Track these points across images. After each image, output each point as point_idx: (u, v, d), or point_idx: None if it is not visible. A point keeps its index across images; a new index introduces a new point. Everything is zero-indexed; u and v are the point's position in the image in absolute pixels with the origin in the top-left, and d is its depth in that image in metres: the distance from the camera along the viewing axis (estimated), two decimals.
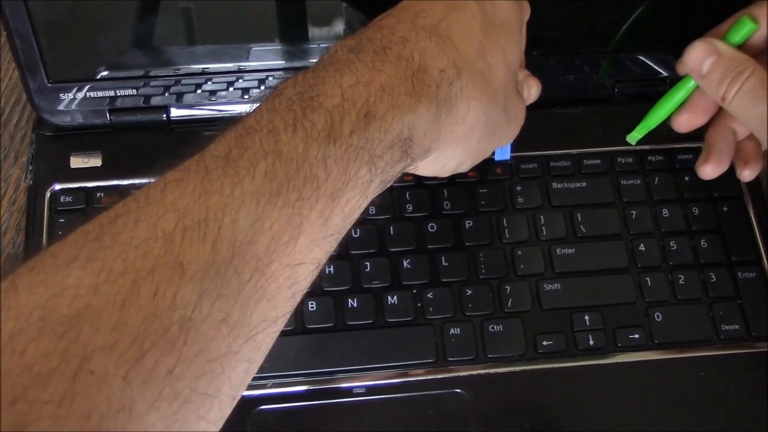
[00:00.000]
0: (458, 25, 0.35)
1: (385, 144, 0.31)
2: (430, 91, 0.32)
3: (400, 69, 0.32)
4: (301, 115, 0.29)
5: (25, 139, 0.51)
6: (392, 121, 0.31)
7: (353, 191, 0.30)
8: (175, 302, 0.25)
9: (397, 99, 0.31)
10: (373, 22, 0.35)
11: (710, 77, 0.41)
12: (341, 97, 0.30)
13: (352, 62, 0.32)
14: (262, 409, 0.42)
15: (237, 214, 0.27)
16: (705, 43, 0.42)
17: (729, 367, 0.44)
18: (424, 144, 0.33)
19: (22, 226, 0.47)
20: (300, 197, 0.28)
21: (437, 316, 0.44)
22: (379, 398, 0.43)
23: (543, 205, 0.47)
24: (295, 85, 0.31)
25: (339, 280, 0.44)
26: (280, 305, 0.29)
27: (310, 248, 0.29)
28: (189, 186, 0.27)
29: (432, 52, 0.33)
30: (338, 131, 0.29)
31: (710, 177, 0.45)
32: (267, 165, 0.28)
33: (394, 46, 0.33)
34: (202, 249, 0.26)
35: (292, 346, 0.43)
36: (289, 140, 0.29)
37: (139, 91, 0.47)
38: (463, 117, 0.34)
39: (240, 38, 0.47)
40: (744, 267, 0.46)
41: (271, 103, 0.30)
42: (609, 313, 0.45)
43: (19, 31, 0.44)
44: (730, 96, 0.40)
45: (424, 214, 0.47)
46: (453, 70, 0.33)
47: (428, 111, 0.32)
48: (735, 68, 0.40)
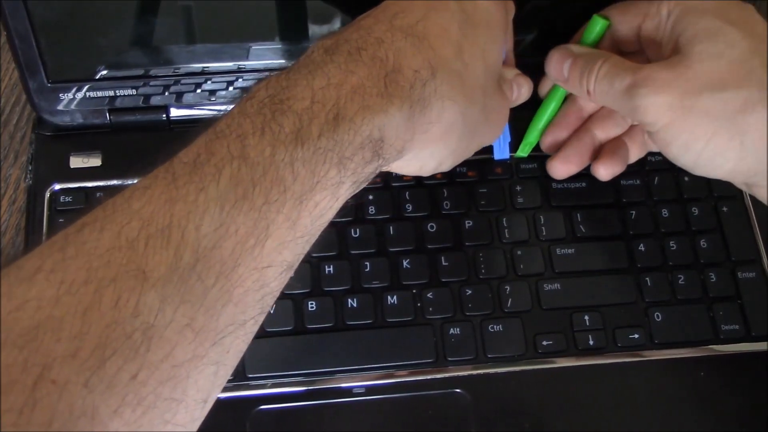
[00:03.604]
0: (436, 25, 0.35)
1: (355, 145, 0.31)
2: (403, 92, 0.32)
3: (373, 69, 0.32)
4: (270, 119, 0.29)
5: (25, 139, 0.51)
6: (362, 122, 0.31)
7: (323, 193, 0.30)
8: (138, 309, 0.25)
9: (368, 100, 0.31)
10: (353, 21, 0.35)
11: (571, 79, 0.42)
12: (311, 100, 0.30)
13: (325, 63, 0.32)
14: (261, 409, 0.42)
15: (201, 220, 0.27)
16: (559, 50, 0.44)
17: (729, 367, 0.44)
18: (396, 145, 0.33)
19: (22, 226, 0.47)
20: (266, 201, 0.28)
21: (437, 316, 0.44)
22: (379, 398, 0.43)
23: (543, 205, 0.47)
24: (268, 87, 0.31)
25: (339, 280, 0.44)
26: (249, 308, 0.29)
27: (279, 251, 0.29)
28: (155, 193, 0.27)
29: (407, 52, 0.33)
30: (306, 133, 0.29)
31: (559, 175, 0.46)
32: (233, 170, 0.28)
33: (369, 46, 0.33)
34: (165, 256, 0.26)
35: (292, 346, 0.43)
36: (256, 144, 0.29)
37: (139, 90, 0.47)
38: (438, 117, 0.34)
39: (240, 37, 0.47)
40: (744, 267, 0.46)
41: (243, 106, 0.30)
42: (609, 313, 0.45)
43: (18, 31, 0.44)
44: (592, 88, 0.41)
45: (424, 213, 0.47)
46: (428, 70, 0.33)
47: (400, 111, 0.32)
48: (589, 62, 0.41)
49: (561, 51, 0.43)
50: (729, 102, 0.37)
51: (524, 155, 0.48)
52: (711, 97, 0.37)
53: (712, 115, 0.37)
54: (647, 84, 0.38)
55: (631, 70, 0.39)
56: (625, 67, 0.39)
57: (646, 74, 0.38)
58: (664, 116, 0.38)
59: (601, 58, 0.41)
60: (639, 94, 0.38)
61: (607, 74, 0.40)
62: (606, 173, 0.45)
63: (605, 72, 0.40)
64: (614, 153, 0.45)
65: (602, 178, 0.45)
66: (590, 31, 0.43)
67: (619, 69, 0.40)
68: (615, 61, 0.40)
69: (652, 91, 0.37)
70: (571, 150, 0.46)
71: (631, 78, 0.38)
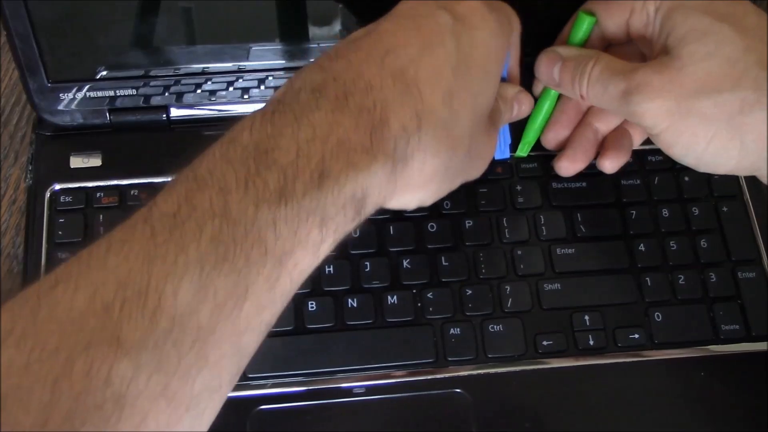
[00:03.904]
0: (428, 68, 0.33)
1: (339, 205, 0.30)
2: (387, 148, 0.31)
3: (360, 121, 0.31)
4: (254, 172, 0.29)
5: (25, 139, 0.51)
6: (346, 181, 0.30)
7: (303, 252, 0.29)
8: (110, 378, 0.25)
9: (353, 157, 0.30)
10: (345, 46, 0.34)
11: (563, 84, 0.42)
12: (296, 153, 0.29)
13: (311, 110, 0.31)
14: (262, 409, 0.42)
15: (179, 284, 0.26)
16: (547, 53, 0.43)
17: (729, 367, 0.44)
18: (377, 200, 0.32)
19: (22, 226, 0.47)
20: (247, 262, 0.28)
21: (437, 316, 0.44)
22: (379, 398, 0.43)
23: (543, 205, 0.47)
24: (252, 131, 0.30)
25: (339, 280, 0.44)
26: (225, 371, 0.28)
27: (258, 313, 0.28)
28: (133, 249, 0.27)
29: (395, 102, 0.32)
30: (291, 192, 0.29)
31: (568, 173, 0.46)
32: (214, 229, 0.27)
33: (357, 92, 0.32)
34: (141, 322, 0.26)
35: (292, 346, 0.43)
36: (239, 200, 0.28)
37: (139, 90, 0.47)
38: (419, 170, 0.33)
39: (240, 38, 0.47)
40: (744, 267, 0.46)
41: (226, 150, 0.30)
42: (609, 313, 0.45)
43: (19, 31, 0.44)
44: (585, 91, 0.41)
45: (424, 213, 0.47)
46: (414, 122, 0.32)
47: (383, 169, 0.31)
48: (579, 65, 0.41)
49: (549, 55, 0.43)
50: (725, 104, 0.36)
51: (524, 155, 0.48)
52: (707, 100, 0.36)
53: (710, 117, 0.37)
54: (641, 90, 0.37)
55: (623, 74, 0.38)
56: (618, 71, 0.39)
57: (639, 80, 0.38)
58: (663, 121, 0.37)
59: (592, 60, 0.40)
60: (634, 101, 0.38)
61: (599, 78, 0.40)
62: (612, 166, 0.45)
63: (597, 76, 0.40)
64: (618, 144, 0.45)
65: (608, 171, 0.45)
66: (577, 29, 0.43)
67: (611, 72, 0.39)
68: (606, 62, 0.40)
69: (648, 98, 0.37)
70: (576, 147, 0.46)
71: (624, 83, 0.38)
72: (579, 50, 0.42)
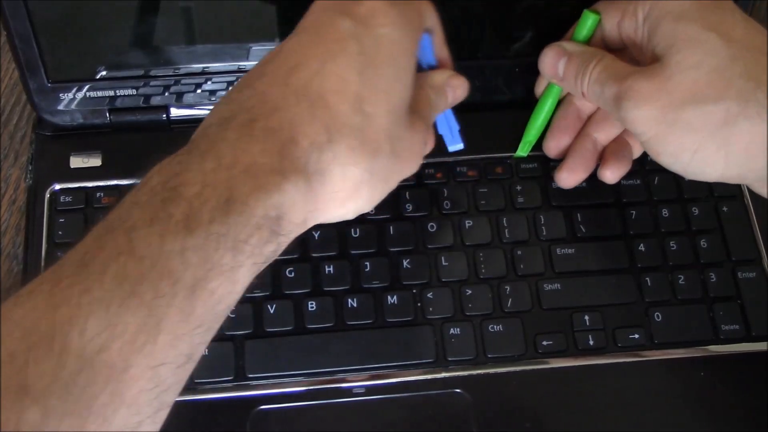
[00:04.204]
0: (333, 78, 0.33)
1: (250, 227, 0.29)
2: (298, 165, 0.31)
3: (267, 144, 0.31)
4: (160, 207, 0.28)
5: (25, 139, 0.51)
6: (256, 203, 0.29)
7: (218, 279, 0.29)
8: (19, 427, 0.24)
9: (261, 179, 0.30)
10: (252, 74, 0.34)
11: (567, 78, 0.42)
12: (202, 184, 0.29)
13: (216, 143, 0.31)
14: (262, 409, 0.42)
15: (85, 324, 0.26)
16: (553, 48, 0.43)
17: (729, 367, 0.44)
18: (296, 219, 0.32)
19: (22, 226, 0.47)
20: (156, 295, 0.27)
21: (437, 316, 0.44)
22: (379, 398, 0.43)
23: (543, 205, 0.47)
24: (161, 172, 0.30)
25: (339, 280, 0.44)
26: (144, 408, 0.28)
27: (173, 345, 0.28)
28: (39, 298, 0.26)
29: (302, 119, 0.32)
30: (197, 220, 0.28)
31: (568, 185, 0.46)
32: (119, 266, 0.27)
33: (262, 117, 0.31)
34: (48, 366, 0.25)
35: (292, 346, 0.43)
36: (144, 236, 0.28)
37: (139, 90, 0.47)
38: (341, 183, 0.33)
39: (240, 38, 0.47)
40: (744, 267, 0.46)
41: (135, 194, 0.30)
42: (609, 313, 0.45)
43: (19, 31, 0.44)
44: (585, 89, 0.41)
45: (424, 213, 0.47)
46: (324, 136, 0.32)
47: (296, 187, 0.31)
48: (584, 62, 0.41)
49: (555, 49, 0.43)
50: (710, 115, 0.36)
51: (524, 155, 0.48)
52: (693, 110, 0.36)
53: (695, 127, 0.36)
54: (631, 97, 0.37)
55: (617, 78, 0.38)
56: (613, 73, 0.39)
57: (629, 85, 0.38)
58: (650, 129, 0.37)
59: (595, 59, 0.40)
60: (624, 107, 0.38)
61: (598, 79, 0.40)
62: (613, 176, 0.45)
63: (596, 76, 0.40)
64: (618, 154, 0.45)
65: (609, 181, 0.45)
66: (582, 27, 0.43)
67: (608, 75, 0.39)
68: (606, 63, 0.40)
69: (636, 105, 0.37)
70: (576, 158, 0.46)
71: (616, 88, 0.38)
72: (584, 47, 0.42)
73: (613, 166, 0.45)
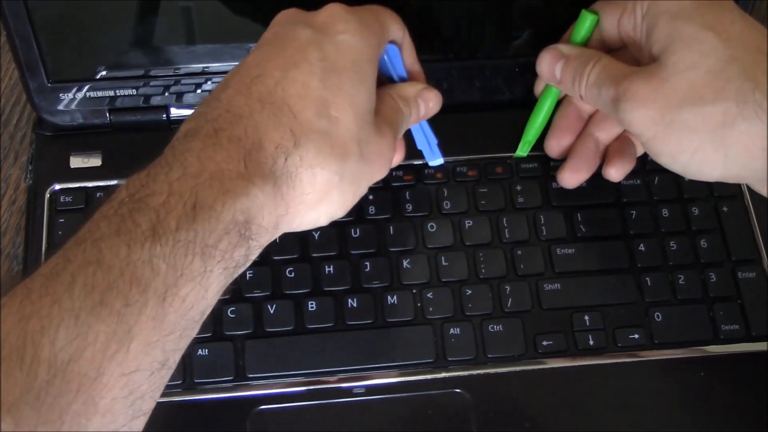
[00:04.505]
0: (296, 85, 0.33)
1: (218, 232, 0.30)
2: (265, 169, 0.31)
3: (232, 151, 0.31)
4: (127, 217, 0.29)
5: (25, 139, 0.51)
6: (222, 208, 0.30)
7: (189, 285, 0.29)
8: None
9: (227, 184, 0.30)
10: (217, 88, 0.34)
11: (564, 81, 0.42)
12: (168, 193, 0.29)
13: (182, 153, 0.31)
14: (262, 409, 0.42)
15: (56, 333, 0.26)
16: (549, 50, 0.43)
17: (729, 367, 0.44)
18: (266, 223, 0.32)
19: (22, 226, 0.47)
20: (126, 303, 0.27)
21: (437, 316, 0.44)
22: (379, 398, 0.43)
23: (543, 205, 0.47)
24: (128, 186, 0.30)
25: (339, 280, 0.44)
26: (119, 416, 0.28)
27: (146, 352, 0.28)
28: (9, 312, 0.27)
29: (267, 125, 0.32)
30: (164, 228, 0.29)
31: (571, 185, 0.46)
32: (87, 276, 0.27)
33: (227, 125, 0.32)
34: (19, 377, 0.25)
35: (292, 346, 0.43)
36: (111, 246, 0.28)
37: (139, 90, 0.47)
38: (310, 186, 0.33)
39: (240, 38, 0.47)
40: (744, 267, 0.46)
41: (103, 209, 0.30)
42: (609, 313, 0.45)
43: (19, 31, 0.44)
44: (583, 93, 0.41)
45: (424, 213, 0.47)
46: (290, 140, 0.32)
47: (263, 191, 0.31)
48: (581, 65, 0.41)
49: (551, 52, 0.43)
50: (708, 116, 0.36)
51: (524, 155, 0.48)
52: (690, 111, 0.36)
53: (693, 128, 0.36)
54: (628, 98, 0.37)
55: (614, 80, 0.38)
56: (611, 75, 0.39)
57: (626, 87, 0.37)
58: (649, 130, 0.37)
59: (592, 61, 0.40)
60: (622, 109, 0.38)
61: (595, 82, 0.40)
62: (617, 174, 0.45)
63: (594, 79, 0.40)
64: (622, 153, 0.45)
65: (614, 179, 0.45)
66: (580, 28, 0.43)
67: (605, 77, 0.39)
68: (604, 65, 0.40)
69: (634, 106, 0.37)
70: (578, 158, 0.45)
71: (614, 90, 0.38)
72: (581, 49, 0.42)
73: (617, 164, 0.45)
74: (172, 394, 0.42)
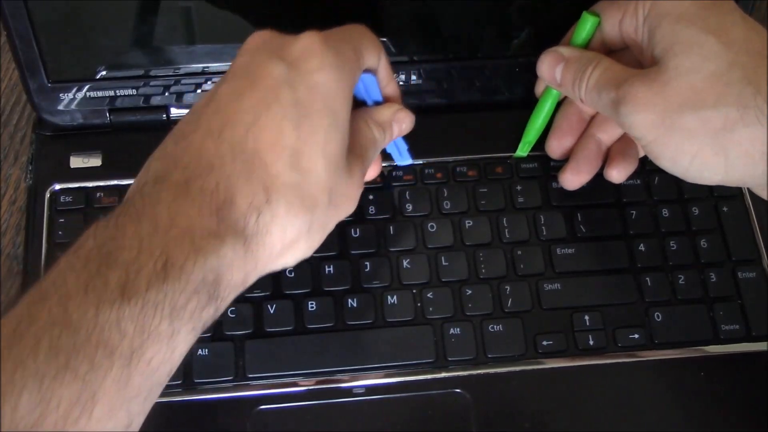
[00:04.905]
0: (268, 133, 0.32)
1: (188, 292, 0.29)
2: (237, 228, 0.31)
3: (203, 206, 0.30)
4: (95, 273, 0.28)
5: (25, 139, 0.51)
6: (193, 268, 0.29)
7: (155, 347, 0.28)
8: None
9: (199, 242, 0.29)
10: (187, 124, 0.33)
11: (564, 84, 0.42)
12: (138, 249, 0.29)
13: (153, 204, 0.30)
14: (262, 409, 0.42)
15: (18, 400, 0.25)
16: (550, 53, 0.43)
17: (729, 367, 0.44)
18: (235, 281, 0.31)
19: (22, 226, 0.47)
20: (92, 367, 0.27)
21: (437, 316, 0.44)
22: (379, 398, 0.43)
23: (543, 205, 0.47)
24: (96, 235, 0.29)
25: (339, 280, 0.44)
26: None
27: (110, 416, 0.28)
28: None
29: (239, 178, 0.31)
30: (133, 287, 0.28)
31: (572, 186, 0.46)
32: (52, 338, 0.27)
33: (198, 176, 0.31)
34: None
35: (292, 346, 0.43)
36: (79, 305, 0.27)
37: (139, 90, 0.47)
38: (281, 239, 0.33)
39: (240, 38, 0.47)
40: (744, 267, 0.46)
41: (70, 258, 0.29)
42: (609, 313, 0.45)
43: (19, 31, 0.44)
44: (583, 96, 0.41)
45: (424, 213, 0.47)
46: (262, 195, 0.32)
47: (234, 250, 0.30)
48: (581, 68, 0.41)
49: (551, 55, 0.43)
50: (709, 121, 0.35)
51: (523, 155, 0.48)
52: (691, 115, 0.36)
53: (694, 132, 0.36)
54: (629, 102, 0.37)
55: (614, 83, 0.38)
56: (611, 78, 0.39)
57: (626, 90, 0.37)
58: (649, 133, 0.37)
59: (592, 64, 0.40)
60: (622, 112, 0.38)
61: (596, 85, 0.40)
62: (619, 176, 0.45)
63: (594, 82, 0.40)
64: (624, 154, 0.45)
65: (616, 181, 0.45)
66: (581, 30, 0.43)
67: (606, 80, 0.39)
68: (604, 68, 0.40)
69: (634, 110, 0.37)
70: (580, 159, 0.45)
71: (614, 93, 0.38)
72: (581, 52, 0.42)
73: (619, 165, 0.45)
74: (172, 394, 0.42)
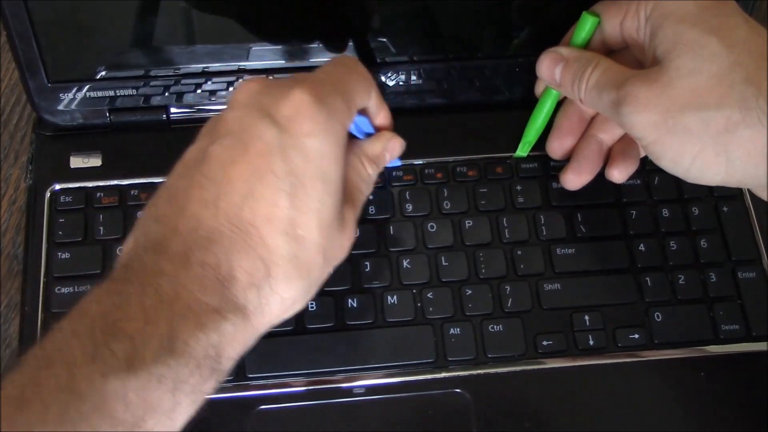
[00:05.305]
0: (263, 204, 0.33)
1: (191, 367, 0.30)
2: (238, 304, 0.31)
3: (205, 280, 0.31)
4: (101, 343, 0.28)
5: (25, 139, 0.51)
6: (197, 344, 0.30)
7: (157, 417, 0.29)
8: None
9: (201, 318, 0.30)
10: (177, 184, 0.33)
11: (564, 85, 0.42)
12: (144, 321, 0.29)
13: (155, 275, 0.30)
14: (262, 409, 0.42)
15: None
16: (549, 53, 0.43)
17: (729, 367, 0.44)
18: (234, 352, 0.32)
19: (22, 226, 0.47)
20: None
21: (437, 316, 0.44)
22: (379, 398, 0.43)
23: (543, 205, 0.47)
24: (100, 302, 0.30)
25: (339, 280, 0.44)
26: None
27: None
28: None
29: (238, 252, 0.32)
30: (140, 360, 0.28)
31: (574, 187, 0.46)
32: (61, 405, 0.27)
33: (199, 248, 0.31)
34: None
35: (292, 346, 0.43)
36: (86, 374, 0.28)
37: (139, 90, 0.47)
38: (279, 307, 0.33)
39: (240, 38, 0.47)
40: (744, 267, 0.46)
41: (74, 324, 0.29)
42: (609, 313, 0.45)
43: (19, 31, 0.44)
44: (583, 96, 0.41)
45: (424, 213, 0.47)
46: (262, 269, 0.32)
47: (234, 324, 0.31)
48: (580, 69, 0.41)
49: (551, 55, 0.43)
50: (711, 121, 0.35)
51: (523, 155, 0.48)
52: (692, 116, 0.36)
53: (695, 133, 0.36)
54: (629, 102, 0.37)
55: (615, 83, 0.38)
56: (611, 79, 0.39)
57: (627, 91, 0.37)
58: (651, 134, 0.37)
59: (591, 65, 0.40)
60: (623, 113, 0.37)
61: (596, 85, 0.39)
62: (620, 176, 0.45)
63: (594, 83, 0.40)
64: (625, 154, 0.45)
65: (617, 181, 0.45)
66: (580, 30, 0.43)
67: (606, 80, 0.39)
68: (604, 68, 0.40)
69: (635, 110, 0.37)
70: (582, 160, 0.45)
71: (615, 94, 0.38)
72: (581, 52, 0.42)
73: (620, 165, 0.45)
74: None
